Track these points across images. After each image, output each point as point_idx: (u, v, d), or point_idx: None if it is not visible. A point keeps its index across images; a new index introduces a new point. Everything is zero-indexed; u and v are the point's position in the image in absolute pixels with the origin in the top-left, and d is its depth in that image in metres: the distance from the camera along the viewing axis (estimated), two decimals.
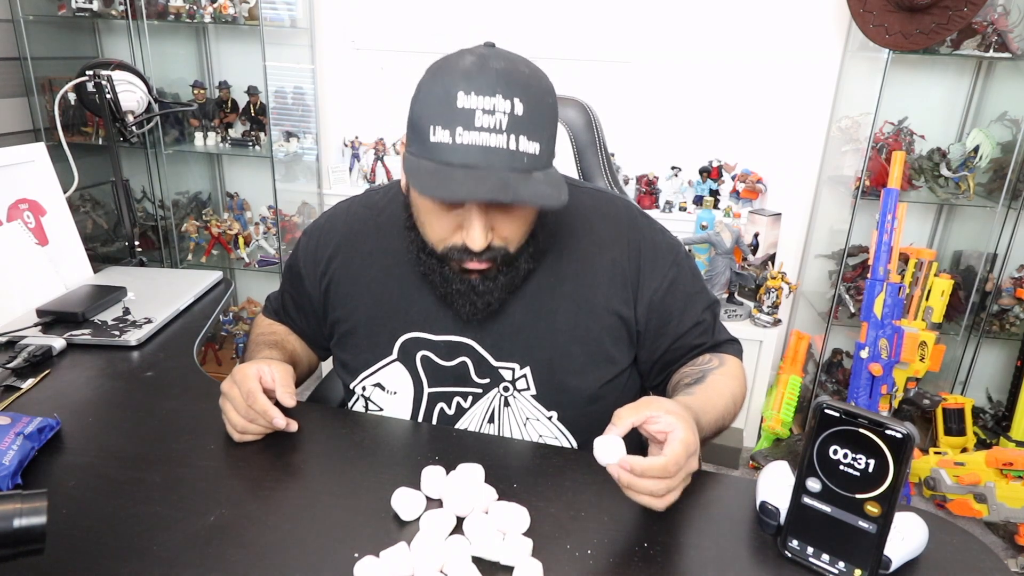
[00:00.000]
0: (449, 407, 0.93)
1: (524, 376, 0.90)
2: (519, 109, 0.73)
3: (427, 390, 0.93)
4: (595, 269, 0.91)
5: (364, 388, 0.95)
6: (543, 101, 0.76)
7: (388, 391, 0.94)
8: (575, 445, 0.93)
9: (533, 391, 0.91)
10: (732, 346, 0.98)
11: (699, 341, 0.95)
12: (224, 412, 0.83)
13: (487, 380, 0.91)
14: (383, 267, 0.94)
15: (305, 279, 1.00)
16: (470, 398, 0.92)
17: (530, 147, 0.75)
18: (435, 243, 0.82)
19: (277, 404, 0.82)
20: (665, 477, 0.67)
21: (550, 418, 0.92)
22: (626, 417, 0.70)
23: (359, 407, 0.98)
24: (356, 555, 0.64)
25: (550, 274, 0.91)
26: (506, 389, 0.91)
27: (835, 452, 0.63)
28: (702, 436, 0.77)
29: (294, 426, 0.84)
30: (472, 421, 0.93)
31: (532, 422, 0.92)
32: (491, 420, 0.93)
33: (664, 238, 0.96)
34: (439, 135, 0.73)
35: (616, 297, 0.91)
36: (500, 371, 0.91)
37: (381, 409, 0.95)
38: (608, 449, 0.68)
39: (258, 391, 0.81)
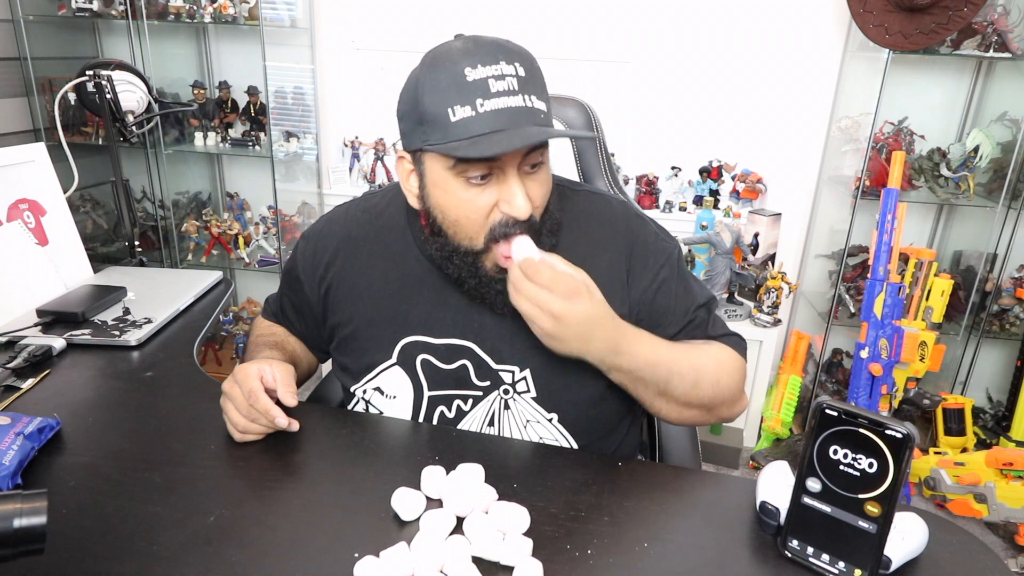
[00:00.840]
0: (449, 410, 0.92)
1: (524, 379, 0.90)
2: (522, 71, 0.76)
3: (427, 393, 0.92)
4: (593, 272, 0.90)
5: (364, 392, 0.95)
6: (534, 66, 0.80)
7: (388, 395, 0.94)
8: (575, 447, 0.93)
9: (533, 393, 0.90)
10: (731, 339, 0.96)
11: (692, 336, 0.94)
12: (225, 412, 0.83)
13: (487, 383, 0.91)
14: (382, 271, 0.94)
15: (304, 284, 0.99)
16: (470, 401, 0.92)
17: (541, 105, 0.78)
18: (474, 234, 0.81)
19: (279, 404, 0.82)
20: (546, 287, 0.74)
21: (550, 420, 0.91)
22: (556, 260, 0.77)
23: (359, 411, 0.98)
24: (356, 555, 0.64)
25: None
26: (506, 392, 0.91)
27: (835, 452, 0.63)
28: (636, 359, 0.82)
29: (296, 425, 0.84)
30: (472, 424, 0.93)
31: (533, 424, 0.92)
32: (491, 423, 0.92)
33: (657, 239, 0.96)
34: (460, 113, 0.74)
35: (614, 299, 0.90)
36: (500, 374, 0.90)
37: (381, 413, 0.95)
38: (527, 246, 0.78)
39: (260, 390, 0.81)
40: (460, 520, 0.69)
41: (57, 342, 1.06)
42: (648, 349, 0.83)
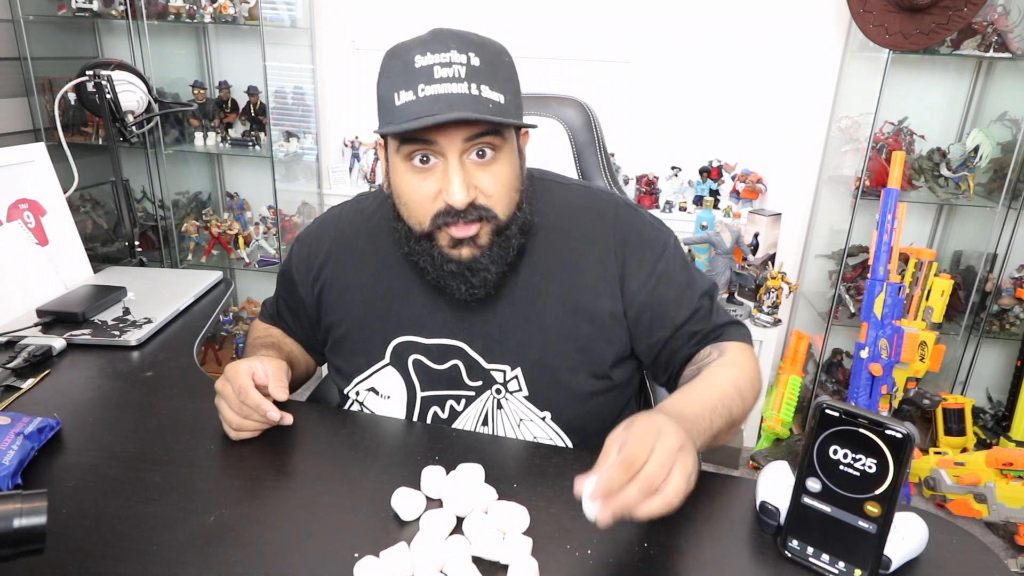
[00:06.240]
0: (442, 410, 0.92)
1: (516, 377, 0.90)
2: (476, 61, 0.76)
3: (420, 394, 0.92)
4: (582, 267, 0.90)
5: (358, 393, 0.95)
6: (499, 59, 0.79)
7: (382, 396, 0.94)
8: (570, 445, 0.93)
9: (525, 392, 0.90)
10: (735, 329, 0.92)
11: (698, 327, 0.90)
12: (220, 411, 0.83)
13: (479, 382, 0.91)
14: (374, 271, 0.94)
15: (298, 285, 1.00)
16: (463, 401, 0.92)
17: (494, 96, 0.77)
18: (420, 218, 0.82)
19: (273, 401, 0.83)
20: (633, 472, 0.59)
21: (543, 419, 0.91)
22: (599, 468, 0.62)
23: (357, 411, 0.98)
24: (356, 555, 0.64)
25: (537, 273, 0.90)
26: (498, 391, 0.91)
27: (835, 452, 0.63)
28: (695, 425, 0.72)
29: (288, 419, 0.84)
30: (466, 424, 0.93)
31: (526, 423, 0.91)
32: (484, 423, 0.92)
33: (651, 229, 0.93)
34: (403, 97, 0.76)
35: (604, 294, 0.90)
36: (492, 373, 0.90)
37: (375, 414, 0.95)
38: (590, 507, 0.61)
39: (249, 386, 0.81)
40: (460, 520, 0.69)
41: (57, 342, 1.06)
42: (695, 406, 0.76)
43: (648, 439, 0.61)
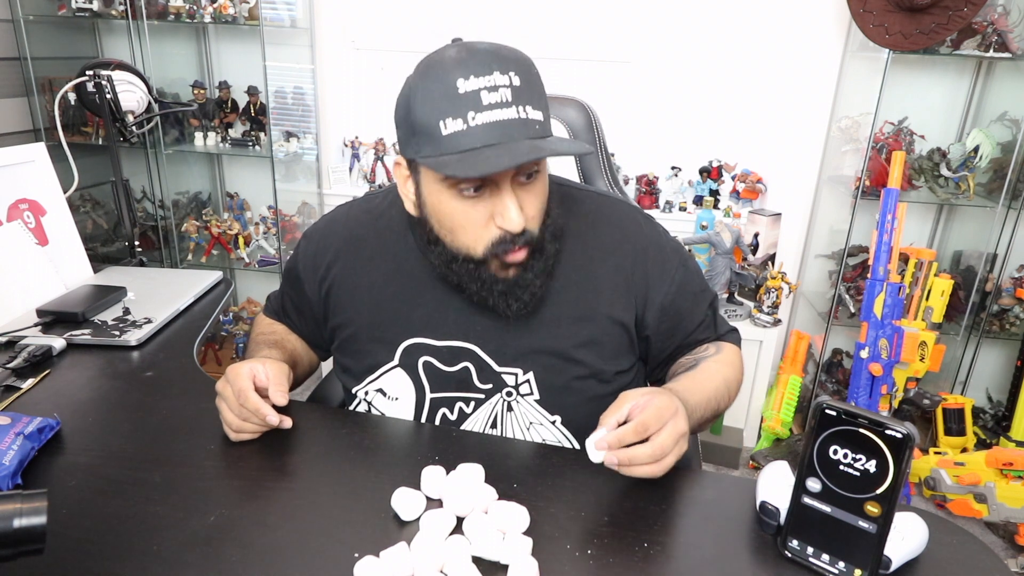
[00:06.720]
0: (451, 412, 0.92)
1: (527, 381, 0.90)
2: (516, 81, 0.75)
3: (429, 395, 0.92)
4: (598, 275, 0.91)
5: (367, 393, 0.95)
6: (531, 72, 0.79)
7: (390, 397, 0.94)
8: (578, 449, 0.93)
9: (536, 396, 0.90)
10: (731, 335, 1.02)
11: (703, 336, 0.98)
12: (220, 412, 0.83)
13: (490, 385, 0.91)
14: (384, 272, 0.94)
15: (305, 283, 0.99)
16: (472, 403, 0.92)
17: (536, 115, 0.77)
18: (472, 245, 0.81)
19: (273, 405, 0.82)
20: (642, 437, 0.71)
21: (553, 422, 0.91)
22: (609, 417, 0.73)
23: (359, 411, 0.97)
24: (356, 555, 0.64)
25: (552, 278, 0.90)
26: (509, 394, 0.91)
27: (835, 452, 0.63)
28: (693, 414, 0.81)
29: (288, 423, 0.84)
30: (475, 426, 0.92)
31: (535, 426, 0.92)
32: (494, 425, 0.92)
33: (668, 241, 0.98)
34: (451, 126, 0.73)
35: (618, 304, 0.91)
36: (503, 376, 0.90)
37: (383, 414, 0.95)
38: (596, 448, 0.72)
39: (249, 389, 0.80)
40: (460, 520, 0.69)
41: (57, 342, 1.06)
42: (697, 395, 0.85)
43: (664, 416, 0.72)
